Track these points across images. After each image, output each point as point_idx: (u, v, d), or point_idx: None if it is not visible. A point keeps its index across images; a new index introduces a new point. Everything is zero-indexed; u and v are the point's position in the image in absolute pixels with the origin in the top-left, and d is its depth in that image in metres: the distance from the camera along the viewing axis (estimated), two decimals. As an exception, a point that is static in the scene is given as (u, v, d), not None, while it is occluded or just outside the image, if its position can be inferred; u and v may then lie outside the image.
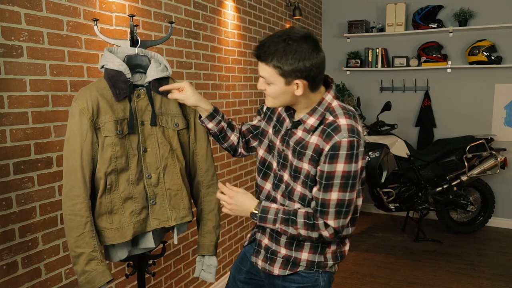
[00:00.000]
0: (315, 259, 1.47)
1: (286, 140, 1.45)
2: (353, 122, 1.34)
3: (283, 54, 1.27)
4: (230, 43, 3.17)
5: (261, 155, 1.57)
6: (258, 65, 1.35)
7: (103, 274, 1.46)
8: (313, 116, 1.39)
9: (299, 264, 1.48)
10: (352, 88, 5.18)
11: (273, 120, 1.55)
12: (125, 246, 1.61)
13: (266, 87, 1.37)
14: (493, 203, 4.41)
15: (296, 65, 1.28)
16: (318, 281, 1.49)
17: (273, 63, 1.29)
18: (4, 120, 1.61)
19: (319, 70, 1.33)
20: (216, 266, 1.75)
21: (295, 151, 1.41)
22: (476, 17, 4.54)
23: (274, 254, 1.51)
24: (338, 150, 1.30)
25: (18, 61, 1.64)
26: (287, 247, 1.49)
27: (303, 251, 1.47)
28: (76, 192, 1.44)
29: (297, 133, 1.42)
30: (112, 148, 1.47)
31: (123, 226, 1.53)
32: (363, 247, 4.13)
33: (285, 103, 1.40)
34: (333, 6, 5.20)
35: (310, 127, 1.39)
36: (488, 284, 3.34)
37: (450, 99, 4.77)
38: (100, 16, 2.00)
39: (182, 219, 1.64)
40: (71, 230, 1.45)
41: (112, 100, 1.49)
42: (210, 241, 1.73)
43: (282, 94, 1.35)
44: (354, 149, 1.31)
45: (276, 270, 1.50)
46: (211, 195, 1.73)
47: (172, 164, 1.60)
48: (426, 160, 4.24)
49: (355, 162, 1.32)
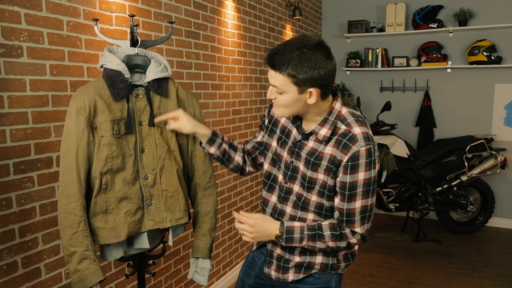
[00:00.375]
0: (328, 261, 1.48)
1: (296, 151, 1.44)
2: (366, 129, 1.36)
3: (298, 62, 1.26)
4: (230, 43, 3.17)
5: (266, 168, 1.57)
6: (269, 74, 1.33)
7: (95, 274, 1.46)
8: (325, 127, 1.38)
9: (313, 267, 1.48)
10: (352, 88, 5.18)
11: (277, 133, 1.54)
12: (121, 246, 1.61)
13: (277, 96, 1.35)
14: (493, 203, 4.41)
15: (311, 73, 1.27)
16: (331, 282, 1.50)
17: (288, 72, 1.27)
18: (4, 120, 1.61)
19: (332, 78, 1.33)
20: (210, 269, 1.75)
21: (309, 162, 1.40)
22: (476, 17, 4.54)
23: (287, 263, 1.51)
24: (358, 159, 1.31)
25: (18, 61, 1.65)
26: (301, 255, 1.49)
27: (317, 255, 1.47)
28: (71, 191, 1.44)
29: (308, 144, 1.41)
30: (108, 147, 1.47)
31: (118, 226, 1.52)
32: (363, 247, 4.13)
33: (296, 112, 1.39)
34: (333, 6, 5.20)
35: (323, 137, 1.38)
36: (488, 284, 3.34)
37: (450, 99, 4.77)
38: (100, 16, 2.00)
39: (177, 221, 1.63)
40: (65, 228, 1.45)
41: (110, 100, 1.49)
42: (204, 244, 1.72)
43: (294, 103, 1.33)
44: (372, 156, 1.33)
45: (291, 276, 1.51)
46: (208, 198, 1.73)
47: (169, 165, 1.60)
48: (426, 160, 4.24)
49: (373, 168, 1.34)
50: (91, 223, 1.51)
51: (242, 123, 3.39)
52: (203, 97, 2.87)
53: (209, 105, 2.94)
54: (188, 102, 1.66)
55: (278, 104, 1.36)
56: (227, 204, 3.21)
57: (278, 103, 1.36)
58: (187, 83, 2.70)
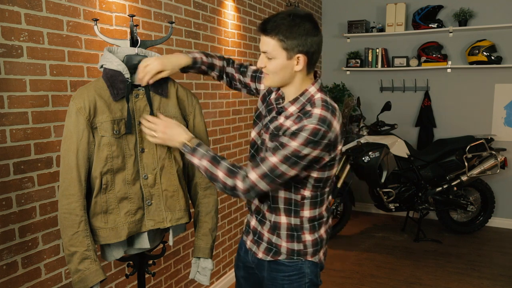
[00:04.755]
0: (294, 247, 1.50)
1: (268, 126, 1.51)
2: (328, 114, 1.36)
3: (288, 27, 1.34)
4: (230, 43, 3.17)
5: (252, 136, 1.62)
6: (261, 41, 1.40)
7: (96, 274, 1.46)
8: (295, 105, 1.44)
9: (280, 251, 1.52)
10: (352, 88, 5.18)
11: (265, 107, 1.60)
12: (121, 246, 1.61)
13: (267, 63, 1.41)
14: (493, 203, 4.41)
15: (299, 39, 1.35)
16: (303, 268, 1.52)
17: (278, 37, 1.35)
18: (4, 120, 1.61)
19: (318, 48, 1.41)
20: (211, 269, 1.75)
21: (272, 134, 1.47)
22: (476, 17, 4.54)
23: (260, 238, 1.56)
24: (301, 130, 1.33)
25: (18, 61, 1.65)
26: (270, 232, 1.53)
27: (282, 238, 1.51)
28: (71, 191, 1.44)
29: (279, 119, 1.48)
30: (108, 147, 1.47)
31: (118, 226, 1.53)
32: (363, 247, 4.13)
33: (282, 80, 1.44)
34: (333, 6, 5.20)
35: (289, 114, 1.44)
36: (488, 284, 3.34)
37: (450, 99, 4.77)
38: (100, 16, 2.00)
39: (177, 221, 1.63)
40: (65, 228, 1.45)
41: (110, 100, 1.49)
42: (206, 243, 1.72)
43: (282, 69, 1.39)
44: (316, 137, 1.32)
45: (260, 254, 1.56)
46: (208, 197, 1.73)
47: (169, 165, 1.60)
48: (426, 160, 4.24)
49: (310, 147, 1.32)
50: (91, 223, 1.51)
51: (242, 123, 3.39)
52: (203, 97, 2.87)
53: (209, 105, 2.94)
54: (188, 102, 1.67)
55: (268, 71, 1.42)
56: (227, 204, 3.21)
57: (268, 70, 1.42)
58: (187, 83, 2.70)
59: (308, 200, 1.46)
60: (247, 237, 1.64)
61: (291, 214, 1.48)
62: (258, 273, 1.60)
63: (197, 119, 1.67)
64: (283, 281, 1.52)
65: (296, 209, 1.47)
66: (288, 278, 1.52)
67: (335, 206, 4.21)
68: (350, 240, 4.32)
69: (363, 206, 5.25)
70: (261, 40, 1.40)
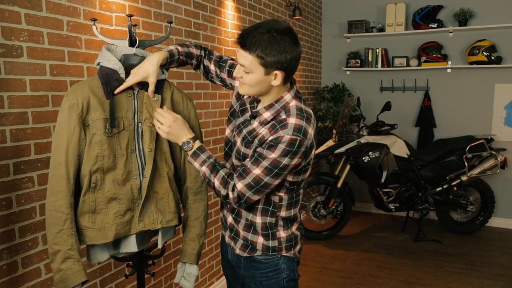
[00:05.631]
0: (269, 244, 1.54)
1: (241, 128, 1.53)
2: (303, 122, 1.39)
3: (268, 45, 1.32)
4: (230, 43, 3.17)
5: (227, 134, 1.63)
6: (238, 53, 1.38)
7: (78, 274, 1.43)
8: (269, 111, 1.45)
9: (256, 248, 1.55)
10: (352, 88, 5.18)
11: (239, 105, 1.60)
12: (106, 248, 1.57)
13: (244, 75, 1.41)
14: (493, 203, 4.41)
15: (278, 56, 1.33)
16: (279, 264, 1.56)
17: (257, 53, 1.33)
18: (4, 120, 1.61)
19: (296, 63, 1.40)
20: (196, 275, 1.72)
21: (245, 139, 1.49)
22: (476, 17, 4.54)
23: (236, 235, 1.59)
24: (278, 142, 1.36)
25: (18, 61, 1.65)
26: (245, 230, 1.56)
27: (258, 235, 1.54)
28: (59, 188, 1.42)
29: (253, 124, 1.49)
30: (99, 146, 1.46)
31: (106, 226, 1.50)
32: (363, 247, 4.13)
33: (259, 92, 1.45)
34: (333, 6, 5.20)
35: (263, 120, 1.46)
36: (488, 284, 3.34)
37: (450, 99, 4.78)
38: (100, 16, 2.00)
39: (168, 223, 1.61)
40: (50, 226, 1.42)
41: (104, 98, 1.48)
42: (192, 249, 1.70)
43: (259, 83, 1.40)
44: (294, 147, 1.36)
45: (238, 250, 1.59)
46: (198, 202, 1.71)
47: (160, 168, 1.59)
48: (426, 160, 4.24)
49: (289, 157, 1.37)
50: (78, 222, 1.48)
51: (242, 123, 3.39)
52: (203, 97, 2.87)
53: (209, 105, 2.94)
54: (183, 105, 1.65)
55: (245, 82, 1.42)
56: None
57: (245, 82, 1.42)
58: (187, 83, 2.70)
59: (285, 202, 1.52)
60: (225, 233, 1.67)
61: (267, 214, 1.52)
62: (238, 270, 1.63)
63: (191, 122, 1.65)
64: (261, 278, 1.56)
65: (274, 210, 1.52)
66: (266, 275, 1.56)
67: (335, 206, 4.21)
68: (350, 240, 4.32)
69: (363, 206, 5.25)
70: (239, 53, 1.38)
